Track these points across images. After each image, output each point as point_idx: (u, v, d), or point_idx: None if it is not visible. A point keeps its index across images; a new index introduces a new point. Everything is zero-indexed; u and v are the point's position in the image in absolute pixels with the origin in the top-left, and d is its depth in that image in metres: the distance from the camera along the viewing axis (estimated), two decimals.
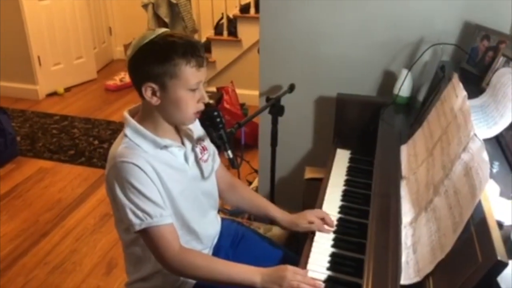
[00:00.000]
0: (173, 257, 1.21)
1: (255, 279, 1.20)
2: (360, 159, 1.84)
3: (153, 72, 1.17)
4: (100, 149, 3.57)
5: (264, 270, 1.21)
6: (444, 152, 1.20)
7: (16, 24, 4.17)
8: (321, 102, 2.20)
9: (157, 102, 1.21)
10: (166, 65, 1.17)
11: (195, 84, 1.21)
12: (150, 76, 1.18)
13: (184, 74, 1.18)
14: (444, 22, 1.91)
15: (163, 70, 1.17)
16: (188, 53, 1.17)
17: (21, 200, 2.94)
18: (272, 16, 2.13)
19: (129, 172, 1.17)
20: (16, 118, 4.04)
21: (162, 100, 1.21)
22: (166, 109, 1.23)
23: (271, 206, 1.55)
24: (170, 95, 1.20)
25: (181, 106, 1.23)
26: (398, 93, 1.88)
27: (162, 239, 1.20)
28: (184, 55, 1.17)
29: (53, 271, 2.35)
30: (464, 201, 0.97)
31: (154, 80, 1.18)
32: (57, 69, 4.63)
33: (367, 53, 2.05)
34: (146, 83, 1.19)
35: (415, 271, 1.01)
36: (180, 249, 1.23)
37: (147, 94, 1.20)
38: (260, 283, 1.19)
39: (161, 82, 1.19)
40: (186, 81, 1.19)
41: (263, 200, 1.60)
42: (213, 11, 4.33)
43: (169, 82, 1.19)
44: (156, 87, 1.19)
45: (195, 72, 1.20)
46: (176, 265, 1.22)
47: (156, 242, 1.21)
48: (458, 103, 1.28)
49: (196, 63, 1.19)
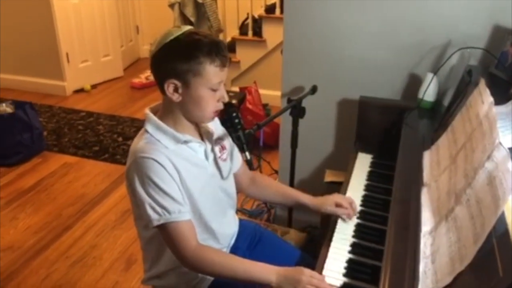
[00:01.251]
0: (190, 253, 1.22)
1: (271, 278, 1.19)
2: (381, 163, 1.80)
3: (177, 69, 1.18)
4: (124, 146, 3.62)
5: (281, 269, 1.21)
6: (467, 160, 1.17)
7: (46, 22, 4.27)
8: (344, 104, 2.17)
9: (178, 98, 1.22)
10: (191, 63, 1.17)
11: (217, 83, 1.22)
12: (174, 73, 1.19)
13: (208, 72, 1.19)
14: (472, 26, 1.86)
15: (187, 68, 1.18)
16: (213, 52, 1.18)
17: (46, 194, 3.00)
18: (296, 16, 2.12)
19: (150, 167, 1.18)
20: (43, 114, 4.13)
21: (184, 97, 1.22)
22: (186, 106, 1.24)
23: (295, 191, 1.59)
24: (192, 92, 1.21)
25: (201, 104, 1.23)
26: (422, 97, 1.84)
27: (179, 235, 1.21)
28: (209, 54, 1.17)
29: (74, 264, 2.39)
30: (486, 211, 0.93)
31: (178, 77, 1.19)
32: (84, 66, 4.71)
33: (391, 56, 2.02)
34: (169, 80, 1.20)
35: (432, 282, 0.98)
36: (197, 246, 1.23)
37: (169, 90, 1.21)
38: (276, 282, 1.18)
39: (184, 79, 1.19)
40: (209, 80, 1.20)
41: (286, 187, 1.63)
42: (239, 11, 4.34)
43: (192, 80, 1.19)
44: (178, 84, 1.20)
45: (218, 71, 1.20)
46: (193, 261, 1.22)
47: (174, 238, 1.21)
48: (484, 109, 1.24)
49: (220, 62, 1.19)
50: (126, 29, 5.37)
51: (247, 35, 4.26)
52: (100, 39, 4.79)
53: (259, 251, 1.52)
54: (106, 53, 4.90)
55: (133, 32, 5.55)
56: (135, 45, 5.62)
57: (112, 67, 5.01)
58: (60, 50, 4.39)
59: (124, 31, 5.28)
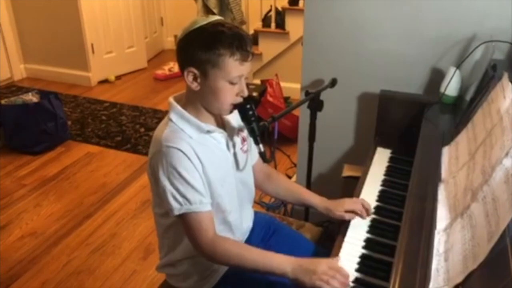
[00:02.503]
0: (207, 244, 1.22)
1: (287, 269, 1.18)
2: (400, 159, 1.77)
3: (197, 57, 1.18)
4: (146, 137, 3.66)
5: (297, 260, 1.19)
6: (486, 156, 1.14)
7: (72, 13, 4.34)
8: (364, 98, 2.14)
9: (196, 87, 1.22)
10: (210, 53, 1.17)
11: (236, 77, 1.21)
12: (194, 61, 1.19)
13: (227, 65, 1.18)
14: (498, 19, 1.80)
15: (206, 58, 1.17)
16: (234, 45, 1.17)
17: (69, 182, 3.06)
18: (317, 9, 2.09)
19: (174, 157, 1.19)
20: (68, 104, 4.21)
21: (202, 86, 1.22)
22: (204, 96, 1.24)
23: (307, 191, 1.58)
24: (210, 83, 1.21)
25: (218, 96, 1.23)
26: (444, 92, 1.80)
27: (198, 225, 1.22)
28: (229, 46, 1.17)
29: (94, 252, 2.44)
30: (501, 209, 0.91)
31: (197, 65, 1.19)
32: (109, 57, 4.77)
33: (413, 49, 1.97)
34: (189, 67, 1.20)
35: (444, 280, 0.96)
36: (214, 236, 1.24)
37: (188, 79, 1.22)
38: (291, 272, 1.17)
39: (202, 69, 1.19)
40: (228, 73, 1.19)
41: (299, 187, 1.61)
42: (262, 3, 4.32)
43: (211, 71, 1.19)
44: (197, 73, 1.20)
45: (238, 65, 1.19)
46: (209, 251, 1.23)
47: (193, 228, 1.22)
48: (506, 104, 1.21)
49: (241, 56, 1.18)
50: (151, 21, 5.41)
51: (270, 27, 4.24)
52: (124, 30, 4.84)
53: (273, 244, 1.51)
54: (130, 44, 4.96)
55: (157, 24, 5.59)
56: (159, 37, 5.66)
57: (136, 59, 5.06)
58: (85, 41, 4.45)
59: (148, 23, 5.32)
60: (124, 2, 4.76)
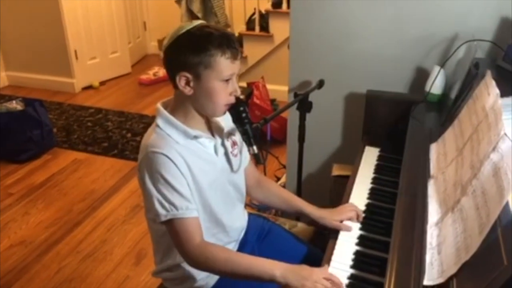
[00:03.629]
0: (193, 250, 1.22)
1: (275, 273, 1.17)
2: (389, 157, 1.81)
3: (189, 61, 1.20)
4: (133, 142, 3.65)
5: (286, 265, 1.20)
6: (473, 152, 1.17)
7: (55, 19, 4.31)
8: (351, 98, 2.18)
9: (190, 92, 1.24)
10: (202, 55, 1.19)
11: (228, 75, 1.23)
12: (185, 66, 1.20)
13: (219, 65, 1.20)
14: (479, 18, 1.86)
15: (198, 60, 1.19)
16: (224, 44, 1.19)
17: (56, 190, 3.04)
18: (302, 11, 2.12)
19: (160, 163, 1.20)
20: (53, 111, 4.17)
21: (195, 90, 1.23)
22: (198, 99, 1.25)
23: (299, 200, 1.57)
24: (204, 85, 1.22)
25: (213, 97, 1.24)
26: (429, 91, 1.84)
27: (184, 231, 1.22)
28: (220, 46, 1.19)
29: (85, 259, 2.43)
30: (491, 202, 0.94)
31: (189, 69, 1.21)
32: (93, 63, 4.75)
33: (398, 49, 2.02)
34: (181, 72, 1.21)
35: (439, 272, 0.99)
36: (200, 242, 1.24)
37: (180, 83, 1.23)
38: (280, 276, 1.16)
39: (195, 72, 1.21)
40: (220, 72, 1.21)
41: (291, 195, 1.61)
42: (246, 6, 4.35)
43: (204, 72, 1.21)
44: (190, 77, 1.22)
45: (229, 63, 1.22)
46: (196, 258, 1.23)
47: (179, 234, 1.23)
48: (490, 101, 1.25)
49: (231, 54, 1.21)
50: (134, 26, 5.40)
51: (254, 30, 4.27)
52: (108, 36, 4.82)
53: (268, 244, 1.53)
54: (114, 49, 4.94)
55: (140, 29, 5.58)
56: (142, 42, 5.65)
57: (120, 64, 5.05)
58: (68, 48, 4.43)
59: (131, 28, 5.31)
60: (107, 7, 4.74)
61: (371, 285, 1.20)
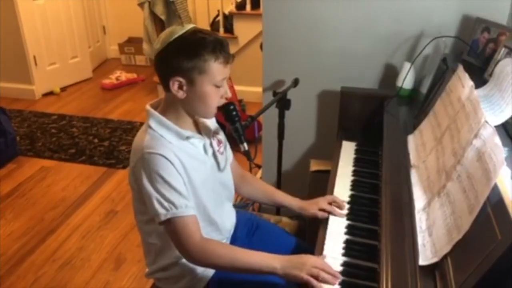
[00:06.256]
0: (195, 247, 1.24)
1: (275, 265, 1.21)
2: (365, 150, 1.88)
3: (182, 66, 1.21)
4: (101, 147, 3.59)
5: (285, 256, 1.24)
6: (454, 140, 1.25)
7: (12, 24, 4.17)
8: (325, 96, 2.24)
9: (183, 95, 1.25)
10: (196, 60, 1.21)
11: (221, 80, 1.26)
12: (179, 70, 1.22)
13: (212, 70, 1.23)
14: (443, 16, 1.97)
15: (192, 65, 1.21)
16: (217, 49, 1.22)
17: (25, 199, 2.95)
18: (274, 12, 2.17)
19: (157, 163, 1.21)
20: (14, 118, 4.03)
21: (188, 94, 1.25)
22: (191, 102, 1.27)
23: (281, 193, 1.65)
24: (197, 89, 1.25)
25: (206, 101, 1.27)
26: (401, 86, 1.93)
27: (185, 230, 1.24)
28: (213, 51, 1.21)
29: (62, 267, 2.38)
30: (478, 184, 1.01)
31: (183, 74, 1.22)
32: (52, 68, 4.63)
33: (369, 47, 2.10)
34: (174, 77, 1.23)
35: (432, 252, 1.06)
36: (201, 239, 1.26)
37: (174, 88, 1.24)
38: (281, 268, 1.21)
39: (189, 77, 1.23)
40: (213, 77, 1.24)
41: (273, 188, 1.69)
42: (209, 8, 4.37)
43: (198, 77, 1.23)
44: (183, 81, 1.23)
45: (222, 68, 1.24)
46: (197, 255, 1.25)
47: (179, 233, 1.24)
48: (466, 92, 1.34)
49: (224, 59, 1.24)
50: (93, 30, 5.29)
51: (218, 32, 4.28)
52: (67, 40, 4.71)
53: (258, 239, 1.57)
54: (74, 54, 4.83)
55: (100, 33, 5.48)
56: (102, 46, 5.55)
57: (80, 69, 4.94)
58: (27, 54, 4.29)
59: (91, 32, 5.20)
60: (65, 11, 4.63)
61: (364, 270, 1.26)
